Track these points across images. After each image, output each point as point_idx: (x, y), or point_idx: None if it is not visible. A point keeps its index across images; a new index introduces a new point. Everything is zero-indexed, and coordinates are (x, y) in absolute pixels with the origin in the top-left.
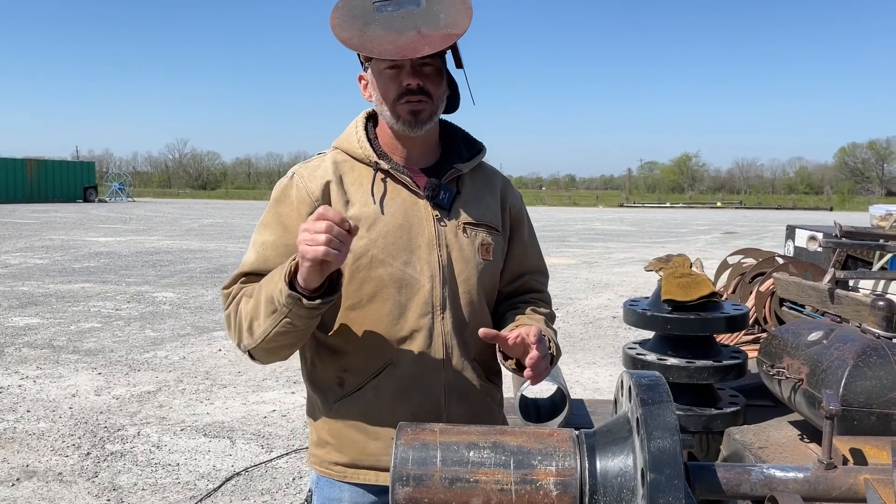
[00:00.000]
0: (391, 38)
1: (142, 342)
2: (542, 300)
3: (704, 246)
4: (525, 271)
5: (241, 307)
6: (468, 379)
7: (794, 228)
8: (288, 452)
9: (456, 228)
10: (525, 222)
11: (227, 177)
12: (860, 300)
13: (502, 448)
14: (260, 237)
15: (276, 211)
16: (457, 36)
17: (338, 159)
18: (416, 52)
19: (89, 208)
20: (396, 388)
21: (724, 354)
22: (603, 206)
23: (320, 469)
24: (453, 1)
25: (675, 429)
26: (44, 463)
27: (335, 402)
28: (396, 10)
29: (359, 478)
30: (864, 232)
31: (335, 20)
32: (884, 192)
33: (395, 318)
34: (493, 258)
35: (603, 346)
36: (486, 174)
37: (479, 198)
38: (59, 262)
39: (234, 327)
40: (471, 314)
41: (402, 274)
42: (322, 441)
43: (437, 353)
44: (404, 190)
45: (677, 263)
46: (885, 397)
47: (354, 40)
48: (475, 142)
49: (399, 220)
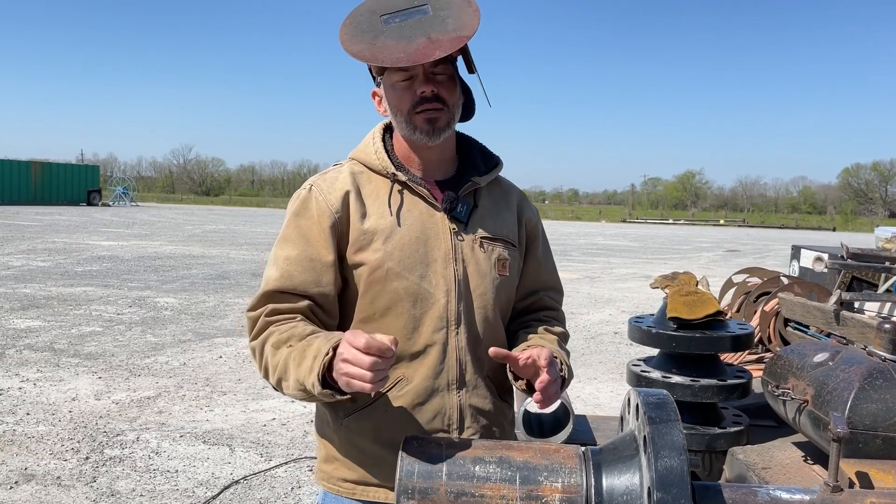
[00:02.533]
0: (401, 46)
1: (143, 347)
2: (555, 318)
3: (707, 263)
4: (539, 287)
5: (267, 357)
6: (482, 396)
7: (800, 248)
8: (287, 461)
9: (473, 243)
10: (540, 237)
11: (230, 183)
12: (866, 322)
13: (508, 463)
14: (282, 252)
15: (296, 224)
16: (467, 38)
17: (355, 170)
18: (428, 56)
19: (93, 212)
20: (408, 403)
21: (729, 373)
22: (606, 221)
23: (328, 485)
24: (460, 5)
25: (682, 448)
26: (42, 466)
27: (345, 418)
28: (405, 21)
29: (368, 495)
30: (870, 254)
31: (344, 35)
32: (887, 214)
33: (409, 333)
34: (510, 274)
35: (604, 361)
36: (502, 188)
37: (496, 212)
38: (62, 265)
39: (260, 367)
40: (485, 330)
41: (417, 288)
42: (331, 457)
43: (450, 369)
44: (421, 202)
45: (683, 281)
46: (890, 420)
47: (366, 53)
48: (492, 155)
49: (416, 232)
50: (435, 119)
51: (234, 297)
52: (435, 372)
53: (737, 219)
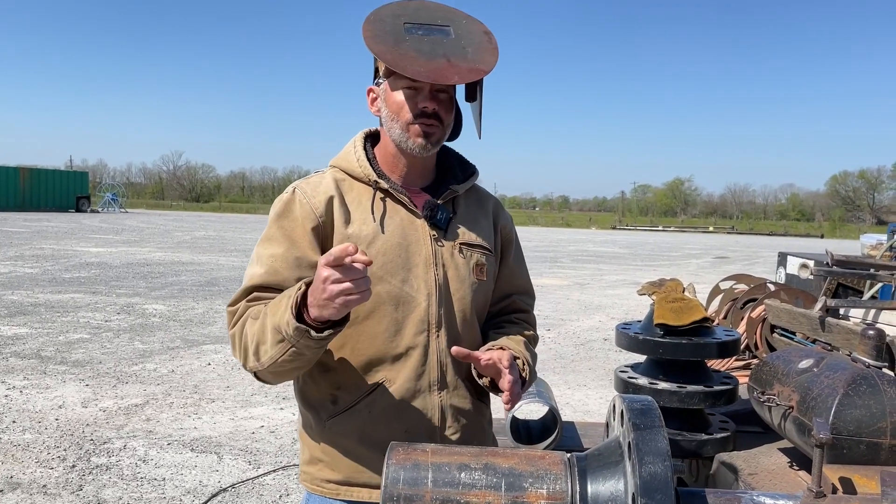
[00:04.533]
0: (422, 61)
1: (130, 354)
2: (526, 321)
3: (696, 270)
4: (513, 291)
5: (246, 329)
6: (462, 397)
7: (787, 255)
8: (276, 469)
9: (452, 248)
10: (514, 243)
11: (220, 190)
12: (851, 329)
13: (494, 470)
14: (266, 251)
15: (279, 225)
16: (484, 72)
17: (337, 177)
18: (447, 79)
19: (81, 218)
20: (391, 405)
21: (716, 380)
22: (596, 228)
23: (312, 486)
24: (481, 40)
25: (666, 454)
26: (28, 475)
27: (328, 420)
28: (426, 35)
29: (352, 496)
30: (855, 261)
31: (368, 32)
32: (874, 221)
33: (391, 336)
34: (487, 278)
35: (594, 368)
36: (479, 196)
37: (473, 219)
38: (50, 272)
39: (239, 348)
40: (464, 333)
41: (399, 291)
42: (314, 458)
43: (431, 370)
44: (402, 209)
45: (670, 288)
46: (874, 426)
47: (388, 55)
48: (468, 164)
49: (397, 238)
50: (430, 134)
51: (223, 304)
52: (417, 374)
53: (726, 226)
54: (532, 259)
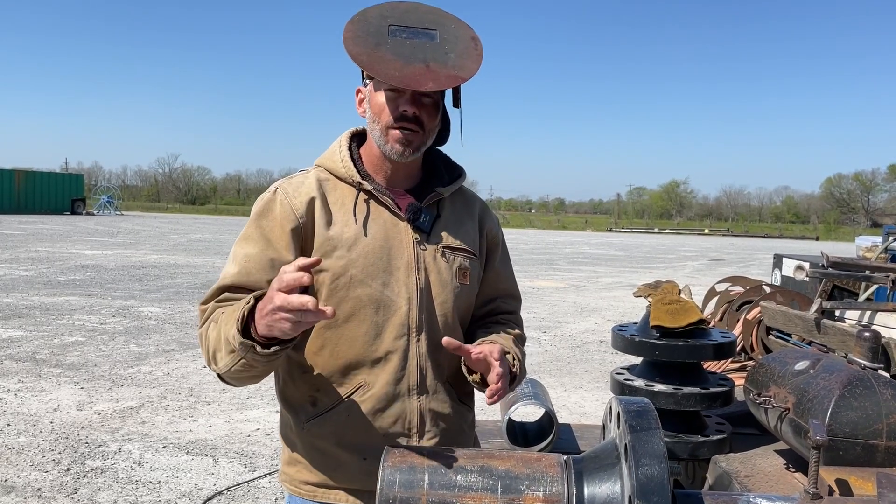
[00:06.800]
0: (399, 64)
1: (126, 357)
2: (513, 321)
3: (692, 272)
4: (498, 295)
5: (209, 332)
6: (441, 401)
7: (782, 257)
8: (271, 472)
9: (435, 252)
10: (500, 246)
11: (216, 192)
12: (846, 330)
13: (490, 472)
14: (242, 250)
15: (258, 224)
16: (462, 80)
17: (321, 177)
18: (420, 85)
19: (77, 221)
20: (370, 408)
21: (712, 382)
22: (591, 231)
23: (291, 487)
24: (466, 45)
25: (663, 456)
26: (23, 478)
27: (307, 422)
28: (409, 39)
29: (329, 497)
30: (850, 263)
31: (348, 33)
32: (869, 223)
33: (371, 339)
34: (470, 283)
35: (590, 370)
36: (465, 198)
37: (458, 222)
38: (45, 275)
39: (203, 350)
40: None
41: (380, 295)
42: (293, 459)
43: (411, 375)
44: (386, 212)
45: (666, 290)
46: (870, 428)
47: (363, 57)
48: (455, 165)
49: (379, 241)
50: (409, 141)
51: None
52: (396, 378)
53: (721, 228)
54: (528, 261)
